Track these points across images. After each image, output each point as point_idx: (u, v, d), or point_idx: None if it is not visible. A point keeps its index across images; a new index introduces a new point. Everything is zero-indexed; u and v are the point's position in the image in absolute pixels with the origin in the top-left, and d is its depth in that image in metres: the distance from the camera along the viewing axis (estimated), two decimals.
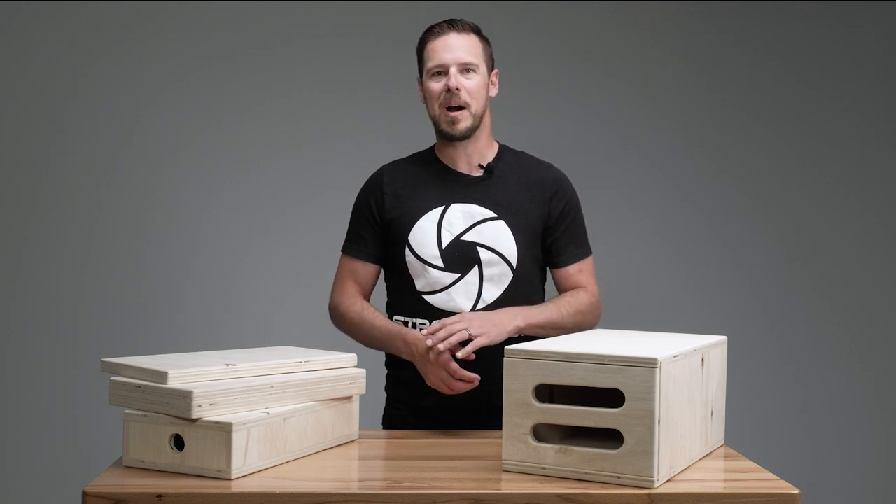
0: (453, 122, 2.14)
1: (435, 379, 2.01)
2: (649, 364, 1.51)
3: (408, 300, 2.17)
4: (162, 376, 1.60)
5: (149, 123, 3.60)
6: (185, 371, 1.61)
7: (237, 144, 3.63)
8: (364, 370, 1.87)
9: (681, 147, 3.82)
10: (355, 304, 2.20)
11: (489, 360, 2.00)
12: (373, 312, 2.18)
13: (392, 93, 3.59)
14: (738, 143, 3.84)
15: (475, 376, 1.99)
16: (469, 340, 1.98)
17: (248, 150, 3.64)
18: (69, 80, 3.56)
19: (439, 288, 2.14)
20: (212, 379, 1.64)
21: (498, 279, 2.14)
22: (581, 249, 2.25)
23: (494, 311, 2.07)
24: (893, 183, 3.87)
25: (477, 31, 2.19)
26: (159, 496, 1.48)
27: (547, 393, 1.66)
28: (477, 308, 2.12)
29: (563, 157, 2.41)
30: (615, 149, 3.79)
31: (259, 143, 3.65)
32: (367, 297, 2.25)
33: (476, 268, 2.14)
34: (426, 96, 2.18)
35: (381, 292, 2.29)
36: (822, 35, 3.84)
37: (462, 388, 2.00)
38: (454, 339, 1.96)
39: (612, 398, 1.55)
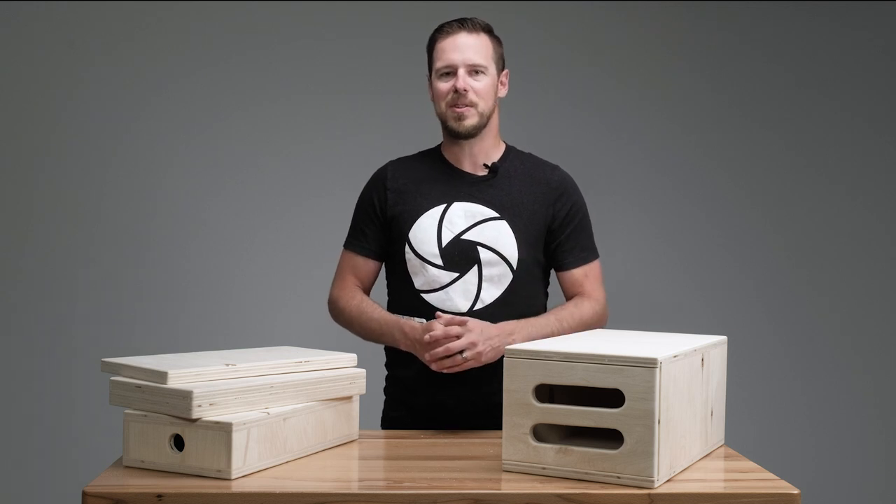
0: (460, 117, 2.12)
1: (440, 364, 2.00)
2: (649, 364, 1.51)
3: (406, 298, 2.16)
4: (162, 376, 1.60)
5: (149, 123, 3.60)
6: (185, 371, 1.61)
7: (239, 143, 3.64)
8: (364, 370, 1.87)
9: (681, 147, 3.82)
10: (354, 298, 2.20)
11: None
12: (371, 305, 2.18)
13: (395, 92, 3.60)
14: (739, 144, 3.84)
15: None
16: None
17: (250, 149, 3.64)
18: (69, 80, 3.56)
19: (437, 287, 2.13)
20: (212, 379, 1.64)
21: (497, 280, 2.13)
22: (587, 253, 2.22)
23: (495, 327, 2.03)
24: (893, 183, 3.87)
25: (488, 30, 2.17)
26: (159, 496, 1.48)
27: (547, 393, 1.65)
28: (475, 309, 2.11)
29: (564, 157, 2.41)
30: (615, 149, 3.79)
31: (260, 142, 3.65)
32: (367, 293, 2.24)
33: (475, 267, 2.12)
34: (434, 95, 2.17)
35: (381, 290, 2.29)
36: (822, 35, 3.84)
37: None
38: (447, 363, 1.98)
39: (612, 398, 1.55)
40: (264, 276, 3.64)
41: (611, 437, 1.56)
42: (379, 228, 2.21)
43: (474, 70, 2.12)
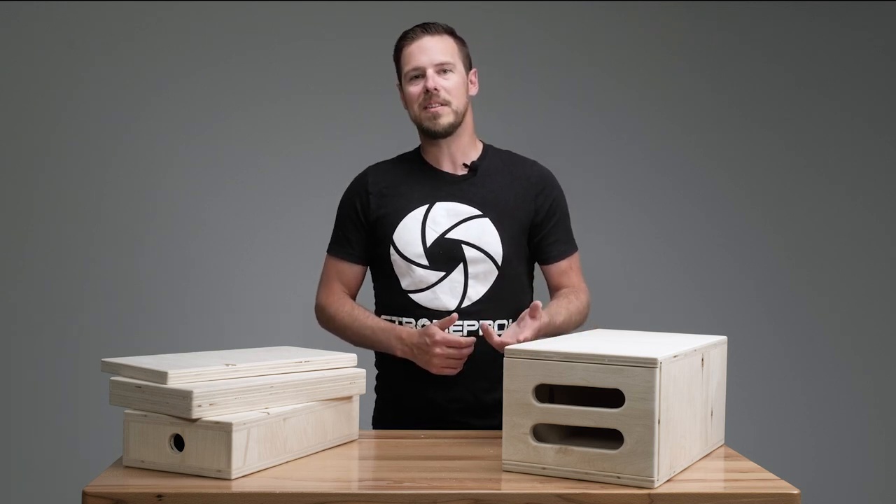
0: (434, 116, 2.15)
1: (440, 362, 2.02)
2: (649, 364, 1.51)
3: (394, 299, 2.18)
4: (162, 376, 1.60)
5: (149, 123, 3.60)
6: (185, 371, 1.61)
7: (239, 143, 3.63)
8: (363, 370, 1.88)
9: (681, 146, 3.82)
10: (345, 305, 2.21)
11: (475, 358, 2.06)
12: (363, 312, 2.20)
13: (395, 92, 3.57)
14: (738, 143, 3.84)
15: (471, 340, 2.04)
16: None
17: (250, 149, 3.64)
18: (69, 80, 3.56)
19: (424, 286, 2.15)
20: (212, 379, 1.64)
21: (483, 277, 2.15)
22: (569, 246, 2.26)
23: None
24: (893, 183, 3.87)
25: (450, 32, 2.21)
26: (159, 496, 1.48)
27: (547, 393, 1.65)
28: (462, 306, 2.13)
29: (564, 157, 2.42)
30: (615, 149, 3.79)
31: (260, 142, 3.65)
32: (353, 298, 2.26)
33: (461, 266, 2.14)
34: (406, 100, 2.20)
35: (366, 292, 2.29)
36: (822, 35, 3.84)
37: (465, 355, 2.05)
38: (453, 363, 2.04)
39: (612, 398, 1.55)
40: (264, 276, 3.64)
41: (611, 437, 1.56)
42: (363, 233, 2.23)
43: (442, 69, 2.15)
